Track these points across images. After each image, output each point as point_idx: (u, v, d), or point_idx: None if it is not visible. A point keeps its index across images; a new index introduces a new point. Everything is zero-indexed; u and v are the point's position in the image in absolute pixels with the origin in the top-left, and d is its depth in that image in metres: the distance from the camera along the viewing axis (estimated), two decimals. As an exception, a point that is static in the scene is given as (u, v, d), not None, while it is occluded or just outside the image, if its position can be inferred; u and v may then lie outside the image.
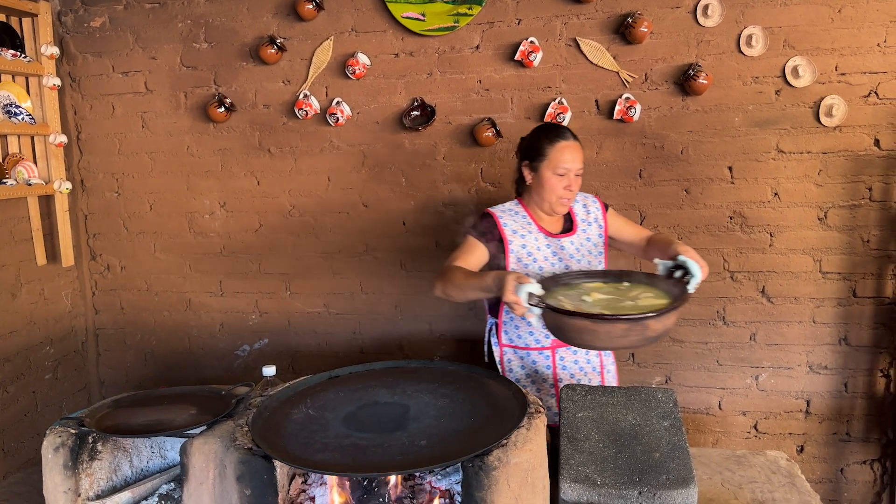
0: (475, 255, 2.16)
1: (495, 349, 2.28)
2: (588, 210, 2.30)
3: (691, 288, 1.82)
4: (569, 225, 2.27)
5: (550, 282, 1.91)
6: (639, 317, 1.61)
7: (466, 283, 1.94)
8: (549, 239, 2.21)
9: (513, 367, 2.26)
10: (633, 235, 2.31)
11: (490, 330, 2.32)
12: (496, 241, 2.18)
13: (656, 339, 1.66)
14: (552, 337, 2.15)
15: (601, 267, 2.27)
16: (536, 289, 1.68)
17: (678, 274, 1.88)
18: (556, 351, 2.22)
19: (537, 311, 1.68)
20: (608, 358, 2.31)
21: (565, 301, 1.78)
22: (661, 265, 1.95)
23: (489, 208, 2.26)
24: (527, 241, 2.20)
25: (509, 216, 2.23)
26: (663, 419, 1.77)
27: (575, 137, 2.17)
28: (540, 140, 2.18)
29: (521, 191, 2.31)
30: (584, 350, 2.25)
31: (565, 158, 2.14)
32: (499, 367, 2.26)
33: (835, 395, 2.79)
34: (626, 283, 1.95)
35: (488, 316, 2.34)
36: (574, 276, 2.00)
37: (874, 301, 2.72)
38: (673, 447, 1.67)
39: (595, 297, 1.84)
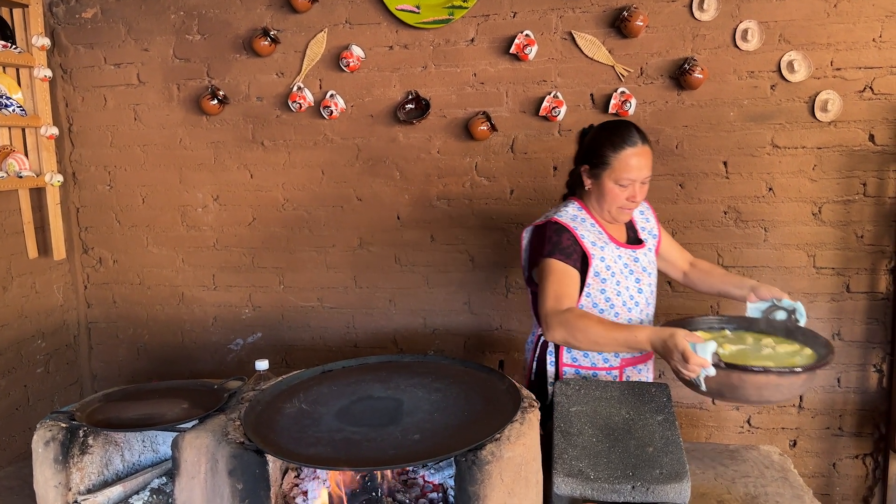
0: (573, 284, 1.89)
1: (551, 368, 2.06)
2: (646, 217, 2.13)
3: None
4: (633, 233, 2.09)
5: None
6: (818, 366, 1.59)
7: (607, 339, 1.71)
8: (622, 249, 2.00)
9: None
10: (677, 255, 2.19)
11: (542, 345, 2.09)
12: (580, 258, 1.93)
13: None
14: (622, 356, 2.04)
15: (654, 283, 2.09)
16: (714, 346, 1.54)
17: (780, 315, 1.86)
18: (623, 371, 2.06)
19: (713, 371, 1.54)
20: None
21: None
22: (754, 308, 1.90)
23: (559, 218, 1.95)
24: (605, 253, 1.96)
25: (583, 227, 1.97)
26: (657, 414, 1.76)
27: (644, 140, 1.90)
28: (603, 145, 1.91)
29: (574, 189, 2.09)
30: (644, 363, 2.10)
31: (631, 168, 1.88)
32: (550, 387, 2.05)
33: (828, 389, 2.80)
34: (727, 331, 1.89)
35: (541, 331, 2.03)
36: (689, 324, 1.89)
37: (868, 296, 2.72)
38: (666, 442, 1.67)
39: (729, 349, 1.76)
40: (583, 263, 1.93)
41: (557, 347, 2.05)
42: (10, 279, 2.97)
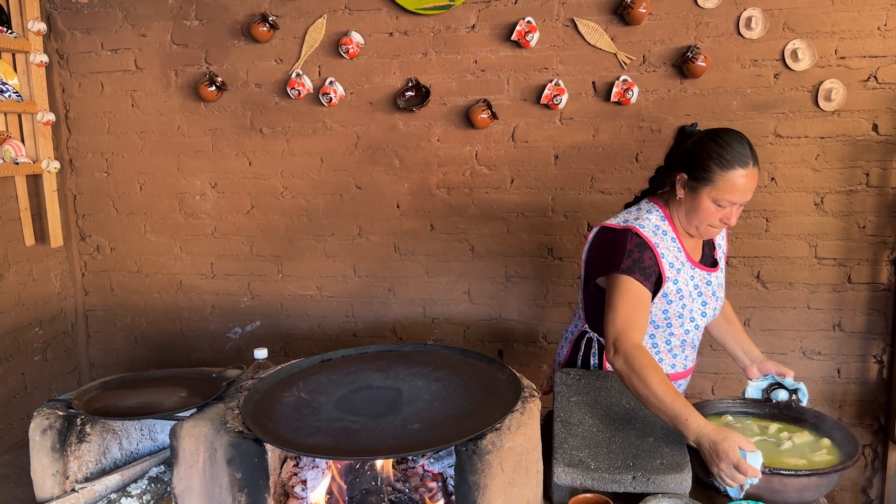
0: (646, 311, 1.76)
1: (594, 368, 2.00)
2: (722, 235, 1.98)
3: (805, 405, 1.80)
4: (710, 251, 1.95)
5: None
6: (853, 462, 1.59)
7: (658, 405, 1.59)
8: (696, 270, 1.87)
9: None
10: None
11: (587, 342, 2.01)
12: (656, 279, 1.80)
13: None
14: (666, 371, 1.94)
15: (720, 306, 1.96)
16: (761, 456, 1.48)
17: (782, 394, 1.84)
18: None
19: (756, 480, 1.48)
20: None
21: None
22: (755, 386, 1.86)
23: (641, 231, 1.79)
24: (680, 276, 1.83)
25: (664, 243, 1.81)
26: (658, 404, 1.75)
27: (756, 161, 1.73)
28: (711, 158, 1.72)
29: (656, 188, 1.95)
30: (685, 379, 2.06)
31: (736, 190, 1.70)
32: None
33: (828, 380, 2.80)
34: (729, 417, 1.87)
35: (586, 328, 2.01)
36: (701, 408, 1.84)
37: (869, 287, 2.71)
38: (667, 432, 1.66)
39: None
40: (656, 283, 1.81)
41: (602, 349, 1.95)
42: (7, 266, 2.95)
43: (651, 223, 1.82)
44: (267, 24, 2.90)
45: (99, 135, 3.20)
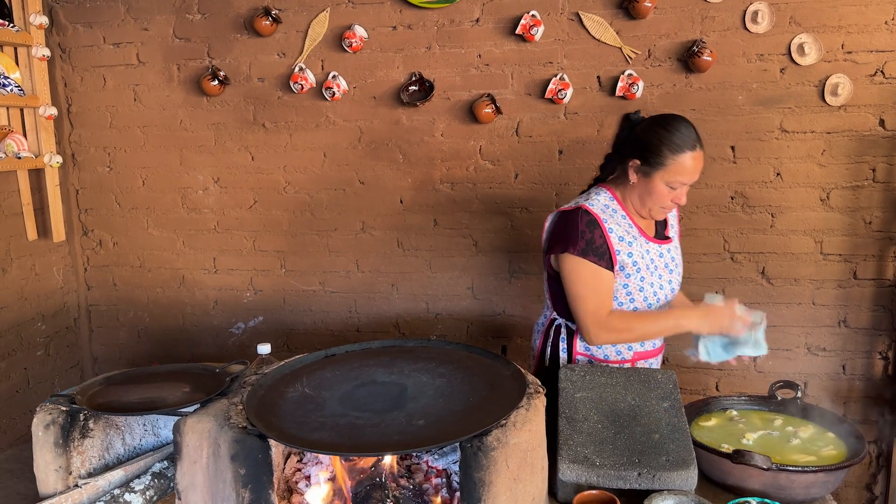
0: (610, 288, 1.90)
1: (563, 354, 2.04)
2: (672, 223, 2.07)
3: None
4: (661, 228, 2.04)
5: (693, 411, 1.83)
6: (860, 458, 1.60)
7: (655, 331, 1.91)
8: (651, 244, 1.97)
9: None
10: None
11: (556, 330, 2.07)
12: (608, 253, 1.89)
13: None
14: (634, 349, 2.03)
15: (679, 279, 2.05)
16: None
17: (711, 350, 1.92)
18: (635, 363, 2.04)
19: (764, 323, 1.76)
20: (658, 360, 2.17)
21: (727, 446, 1.67)
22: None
23: (590, 207, 1.90)
24: (633, 248, 1.92)
25: (613, 219, 1.92)
26: (663, 400, 1.75)
27: (701, 143, 1.85)
28: (662, 144, 1.82)
29: (607, 175, 2.03)
30: (656, 357, 2.10)
31: (686, 172, 1.83)
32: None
33: (833, 377, 2.78)
34: (733, 412, 1.88)
35: (554, 315, 2.08)
36: (704, 406, 1.88)
37: (875, 283, 2.70)
38: (672, 428, 1.65)
39: (752, 438, 1.73)
40: (612, 259, 1.90)
41: (570, 335, 2.03)
42: (10, 261, 2.95)
43: (600, 203, 1.94)
44: (270, 18, 2.88)
45: (101, 129, 3.19)
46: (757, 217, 2.74)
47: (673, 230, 2.09)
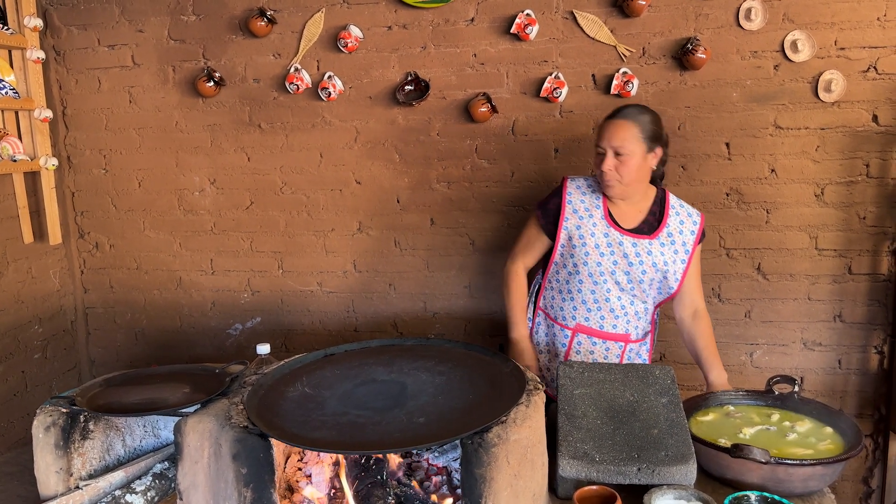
0: (536, 248, 2.26)
1: (530, 307, 2.34)
2: (681, 229, 2.17)
3: None
4: (649, 228, 2.16)
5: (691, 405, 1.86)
6: (857, 452, 1.62)
7: (506, 311, 2.29)
8: (611, 230, 2.13)
9: (539, 329, 2.31)
10: (688, 296, 2.22)
11: (535, 287, 2.36)
12: (554, 219, 2.17)
13: None
14: (578, 320, 2.21)
15: (655, 295, 2.20)
16: None
17: None
18: (576, 334, 2.24)
19: None
20: (634, 352, 2.27)
21: (725, 441, 1.69)
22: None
23: (568, 182, 2.22)
24: (584, 223, 2.13)
25: (581, 192, 2.18)
26: (661, 396, 1.76)
27: (628, 117, 2.07)
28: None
29: None
30: (603, 341, 2.22)
31: (602, 136, 2.09)
32: (529, 322, 2.35)
33: (829, 371, 2.80)
34: (730, 407, 1.90)
35: (539, 272, 2.37)
36: (704, 401, 1.92)
37: (869, 278, 2.71)
38: (671, 424, 1.66)
39: (748, 433, 1.75)
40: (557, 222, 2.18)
41: (538, 289, 2.34)
42: (6, 264, 2.94)
43: (584, 182, 2.23)
44: (265, 19, 2.88)
45: (97, 131, 3.19)
46: (752, 213, 2.75)
47: (672, 239, 2.15)
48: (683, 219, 2.20)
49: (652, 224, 2.17)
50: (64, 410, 1.65)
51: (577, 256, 2.14)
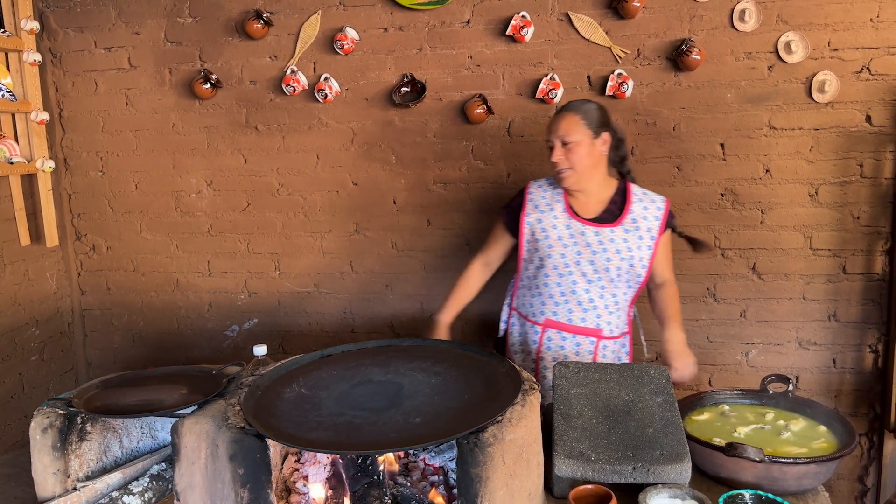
0: (498, 244, 2.35)
1: (505, 309, 2.41)
2: (645, 216, 2.19)
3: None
4: (611, 217, 2.19)
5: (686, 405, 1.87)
6: (850, 450, 1.62)
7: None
8: (572, 221, 2.17)
9: (514, 330, 2.35)
10: (658, 271, 2.27)
11: (509, 290, 2.43)
12: (517, 214, 2.25)
13: None
14: (546, 315, 2.24)
15: (624, 287, 2.21)
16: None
17: None
18: (546, 329, 2.25)
19: None
20: (610, 350, 2.28)
21: (719, 440, 1.70)
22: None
23: (531, 183, 2.30)
24: (544, 216, 2.19)
25: (542, 190, 2.26)
26: (656, 395, 1.77)
27: (572, 109, 2.14)
28: None
29: None
30: (573, 336, 2.24)
31: (549, 130, 2.16)
32: (504, 324, 2.42)
33: (823, 370, 2.81)
34: (725, 406, 1.90)
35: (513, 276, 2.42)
36: (698, 400, 1.93)
37: (864, 277, 2.73)
38: (666, 423, 1.67)
39: (743, 431, 1.76)
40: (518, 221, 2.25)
41: (511, 292, 2.41)
42: (3, 267, 2.94)
43: (546, 181, 2.29)
44: (261, 21, 2.89)
45: (93, 133, 3.19)
46: (747, 213, 2.77)
47: (636, 225, 2.18)
48: (647, 205, 2.21)
49: (614, 213, 2.19)
50: (61, 412, 1.66)
51: (541, 250, 2.19)
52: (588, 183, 2.18)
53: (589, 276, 2.18)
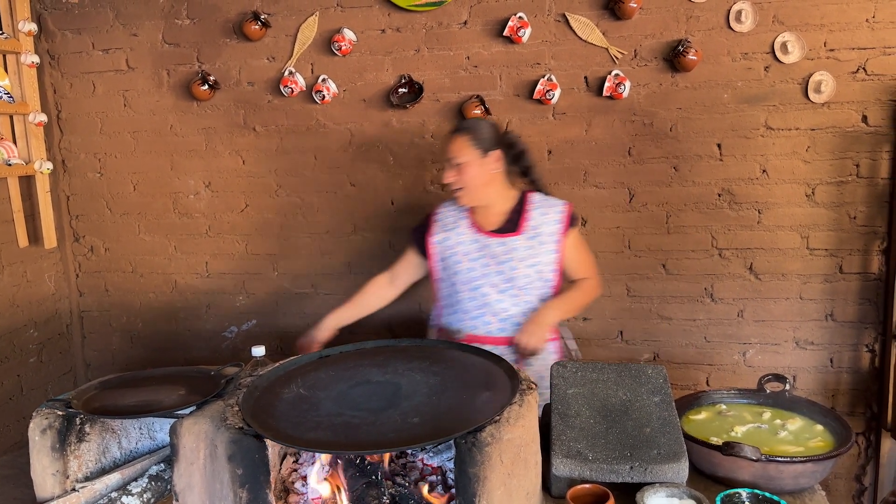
0: (405, 262, 2.39)
1: (433, 332, 2.43)
2: (545, 220, 2.22)
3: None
4: (513, 226, 2.22)
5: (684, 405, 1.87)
6: (847, 448, 1.63)
7: None
8: (478, 235, 2.22)
9: None
10: (572, 274, 2.28)
11: (434, 312, 2.45)
12: (423, 236, 2.31)
13: None
14: (466, 331, 2.26)
15: (539, 293, 2.21)
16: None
17: None
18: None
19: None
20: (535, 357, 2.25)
21: (716, 439, 1.70)
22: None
23: (439, 207, 2.35)
24: (450, 234, 2.25)
25: (448, 210, 2.32)
26: (654, 395, 1.78)
27: (459, 131, 2.21)
28: None
29: None
30: (495, 347, 2.17)
31: (445, 151, 2.21)
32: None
33: (821, 370, 2.82)
34: (723, 406, 1.91)
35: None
36: (696, 399, 1.94)
37: (860, 277, 2.74)
38: (664, 422, 1.68)
39: (740, 431, 1.77)
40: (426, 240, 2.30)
41: (436, 315, 2.43)
42: (2, 268, 2.94)
43: (452, 202, 2.31)
44: (259, 23, 2.89)
45: (91, 135, 3.19)
46: (744, 213, 2.77)
47: (538, 231, 2.20)
48: (546, 210, 2.23)
49: (515, 222, 2.23)
50: (60, 413, 1.66)
51: (451, 268, 2.25)
52: (483, 199, 2.22)
53: (500, 286, 2.20)
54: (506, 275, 2.20)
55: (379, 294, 2.46)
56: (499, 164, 2.21)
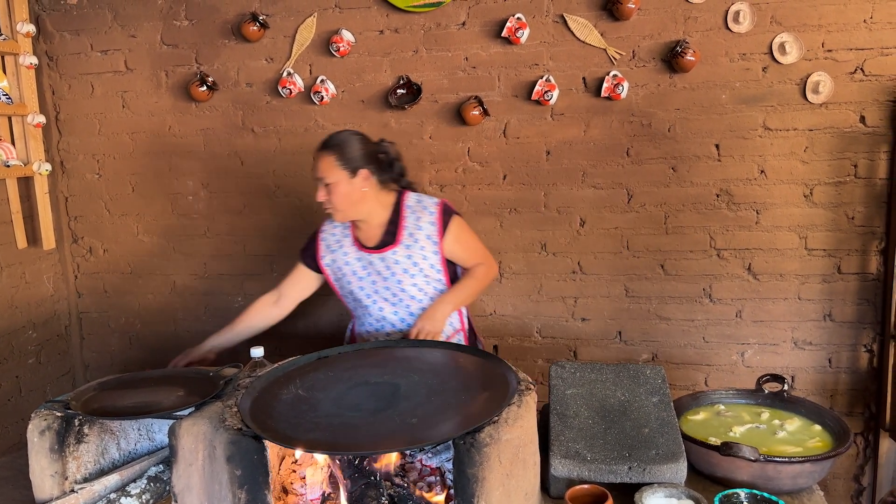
0: (294, 279, 2.33)
1: (346, 336, 2.42)
2: (419, 225, 2.18)
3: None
4: (390, 238, 2.18)
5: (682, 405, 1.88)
6: (846, 448, 1.63)
7: None
8: (361, 252, 2.20)
9: None
10: (462, 265, 2.27)
11: (350, 325, 2.43)
12: (311, 256, 2.28)
13: None
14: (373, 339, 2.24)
15: (426, 293, 2.20)
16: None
17: None
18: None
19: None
20: None
21: (715, 439, 1.70)
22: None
23: (323, 224, 2.30)
24: (336, 255, 2.23)
25: (332, 227, 2.27)
26: (652, 395, 1.78)
27: (323, 148, 2.15)
28: None
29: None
30: None
31: (313, 168, 2.16)
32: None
33: (819, 370, 2.82)
34: (721, 406, 1.91)
35: None
36: (695, 399, 1.94)
37: (858, 277, 2.74)
38: (662, 423, 1.68)
39: (738, 431, 1.77)
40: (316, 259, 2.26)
41: (351, 326, 2.40)
42: (0, 270, 2.94)
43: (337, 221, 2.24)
44: (257, 24, 2.89)
45: (90, 136, 3.19)
46: (742, 214, 2.78)
47: (415, 238, 2.16)
48: (420, 214, 2.18)
49: (393, 233, 2.19)
50: (59, 414, 1.66)
51: (345, 287, 2.25)
52: (357, 215, 2.17)
53: (391, 300, 2.20)
54: (392, 289, 2.19)
55: (264, 314, 2.40)
56: (368, 181, 2.13)
